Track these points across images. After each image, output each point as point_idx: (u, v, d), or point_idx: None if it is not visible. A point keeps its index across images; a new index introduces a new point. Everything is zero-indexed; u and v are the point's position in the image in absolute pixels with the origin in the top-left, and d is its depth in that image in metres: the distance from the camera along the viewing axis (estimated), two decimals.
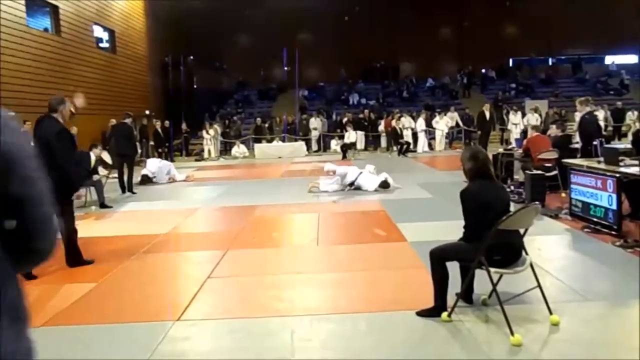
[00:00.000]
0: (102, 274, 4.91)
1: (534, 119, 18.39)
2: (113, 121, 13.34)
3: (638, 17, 26.05)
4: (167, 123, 18.56)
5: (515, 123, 18.47)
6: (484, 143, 16.47)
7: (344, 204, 8.20)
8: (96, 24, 17.20)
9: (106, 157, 11.76)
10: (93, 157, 9.04)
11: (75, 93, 5.48)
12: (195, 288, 4.36)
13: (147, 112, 18.18)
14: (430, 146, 18.62)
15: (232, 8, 26.07)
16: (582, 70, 27.14)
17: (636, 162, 5.77)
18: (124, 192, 9.98)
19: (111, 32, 18.34)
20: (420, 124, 18.47)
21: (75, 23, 15.63)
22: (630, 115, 19.32)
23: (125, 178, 10.04)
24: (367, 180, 9.20)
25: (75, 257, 5.20)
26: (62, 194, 4.79)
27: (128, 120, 10.56)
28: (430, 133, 18.82)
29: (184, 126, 19.61)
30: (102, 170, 9.95)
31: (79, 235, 5.32)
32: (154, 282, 4.75)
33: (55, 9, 14.66)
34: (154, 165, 12.17)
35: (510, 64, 28.84)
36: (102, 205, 8.62)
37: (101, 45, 17.89)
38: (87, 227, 7.21)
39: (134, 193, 10.16)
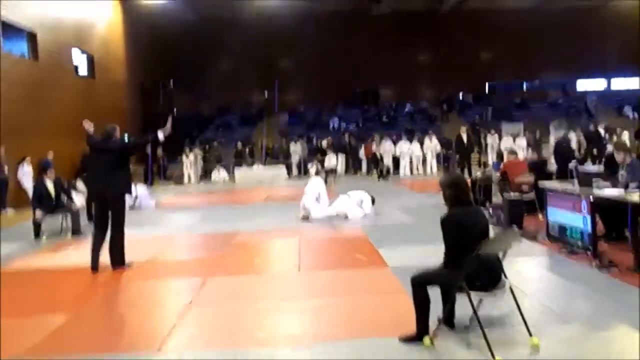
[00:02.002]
0: (78, 304, 4.80)
1: (509, 142, 18.77)
2: None
3: (606, 45, 27.16)
4: (147, 149, 18.38)
5: (522, 146, 17.92)
6: (464, 166, 16.63)
7: (326, 230, 8.19)
8: (74, 49, 17.12)
9: (80, 185, 11.52)
10: (49, 184, 8.69)
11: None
12: (175, 317, 4.28)
13: (126, 137, 17.99)
14: (411, 170, 18.77)
15: (213, 34, 26.30)
16: (569, 93, 28.01)
17: (609, 184, 5.93)
18: (91, 219, 9.72)
19: (90, 57, 18.26)
20: (402, 147, 18.68)
21: (53, 49, 15.53)
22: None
23: None
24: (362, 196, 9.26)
25: (122, 256, 5.99)
26: (122, 197, 6.10)
27: None
28: (410, 157, 18.95)
29: (159, 151, 19.43)
30: (79, 199, 9.71)
31: (53, 263, 5.23)
32: (132, 312, 4.65)
33: (32, 35, 14.57)
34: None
35: (486, 89, 29.55)
36: (75, 232, 8.43)
37: (79, 70, 17.77)
38: (62, 256, 7.07)
39: None
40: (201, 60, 26.59)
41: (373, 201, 9.37)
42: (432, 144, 19.16)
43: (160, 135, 6.27)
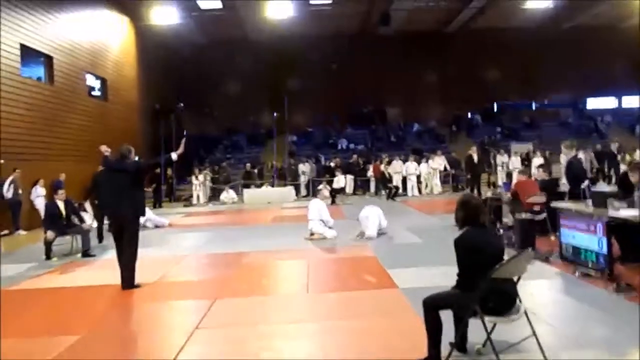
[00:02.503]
0: (86, 325, 4.76)
1: (517, 162, 18.68)
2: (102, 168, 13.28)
3: (615, 63, 27.07)
4: (157, 170, 18.55)
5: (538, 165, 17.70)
6: (475, 186, 16.50)
7: (334, 251, 8.13)
8: (89, 72, 17.42)
9: (87, 206, 11.59)
10: (61, 204, 8.72)
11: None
12: (183, 339, 4.23)
13: (137, 158, 18.11)
14: (419, 190, 18.65)
15: (222, 56, 26.66)
16: (583, 113, 27.89)
17: (624, 204, 5.83)
18: (101, 241, 9.80)
19: (103, 81, 18.56)
20: (409, 167, 18.59)
21: (68, 72, 15.81)
22: None
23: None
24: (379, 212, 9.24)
25: (132, 279, 6.00)
26: (136, 218, 6.18)
27: None
28: (419, 177, 18.84)
29: (168, 172, 19.57)
30: (88, 219, 9.77)
31: (64, 284, 5.23)
32: (141, 334, 4.61)
33: (49, 59, 14.87)
34: None
35: (495, 109, 29.49)
36: (85, 253, 8.42)
37: (93, 93, 18.05)
38: (72, 276, 7.07)
39: None
40: (210, 82, 26.91)
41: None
42: (436, 164, 18.95)
43: (174, 156, 6.40)
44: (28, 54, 13.94)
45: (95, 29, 17.86)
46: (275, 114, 22.54)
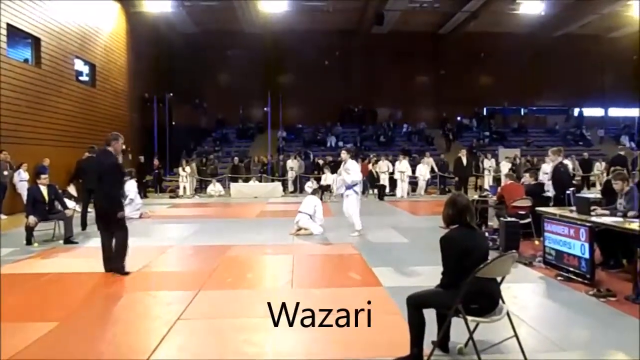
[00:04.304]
0: (66, 312, 4.69)
1: (507, 166, 18.84)
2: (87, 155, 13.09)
3: (603, 73, 27.46)
4: (141, 158, 18.40)
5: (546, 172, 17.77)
6: (462, 189, 16.64)
7: (320, 247, 8.12)
8: (77, 57, 17.13)
9: (72, 190, 11.45)
10: (44, 189, 8.60)
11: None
12: (165, 329, 4.19)
13: (124, 147, 17.83)
14: (413, 190, 18.71)
15: (214, 47, 26.47)
16: (576, 120, 28.17)
17: (607, 212, 5.92)
18: (84, 228, 9.70)
19: (92, 66, 18.27)
20: (399, 168, 18.62)
21: (56, 55, 15.52)
22: (598, 166, 19.99)
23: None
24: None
25: (122, 265, 6.14)
26: (111, 214, 6.14)
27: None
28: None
29: (156, 162, 19.35)
30: (70, 204, 9.64)
31: (44, 270, 5.15)
32: (121, 323, 4.56)
33: (37, 41, 14.59)
34: None
35: (485, 113, 29.68)
36: (67, 240, 8.31)
37: (81, 78, 17.76)
38: (53, 263, 6.97)
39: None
40: (201, 73, 26.70)
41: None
42: (429, 166, 19.03)
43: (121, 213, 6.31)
44: (15, 34, 13.65)
45: (86, 13, 17.56)
46: (265, 109, 22.43)
